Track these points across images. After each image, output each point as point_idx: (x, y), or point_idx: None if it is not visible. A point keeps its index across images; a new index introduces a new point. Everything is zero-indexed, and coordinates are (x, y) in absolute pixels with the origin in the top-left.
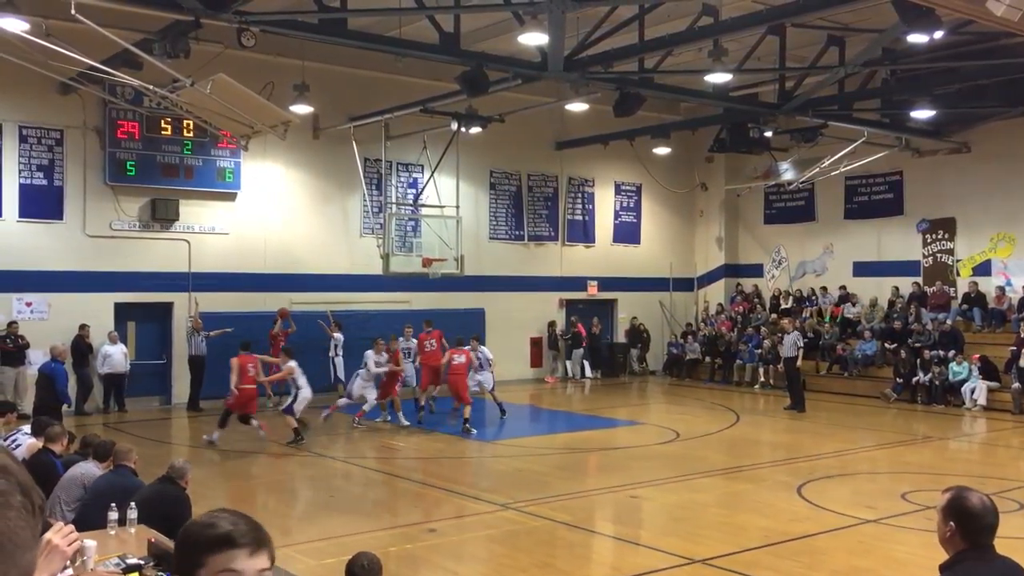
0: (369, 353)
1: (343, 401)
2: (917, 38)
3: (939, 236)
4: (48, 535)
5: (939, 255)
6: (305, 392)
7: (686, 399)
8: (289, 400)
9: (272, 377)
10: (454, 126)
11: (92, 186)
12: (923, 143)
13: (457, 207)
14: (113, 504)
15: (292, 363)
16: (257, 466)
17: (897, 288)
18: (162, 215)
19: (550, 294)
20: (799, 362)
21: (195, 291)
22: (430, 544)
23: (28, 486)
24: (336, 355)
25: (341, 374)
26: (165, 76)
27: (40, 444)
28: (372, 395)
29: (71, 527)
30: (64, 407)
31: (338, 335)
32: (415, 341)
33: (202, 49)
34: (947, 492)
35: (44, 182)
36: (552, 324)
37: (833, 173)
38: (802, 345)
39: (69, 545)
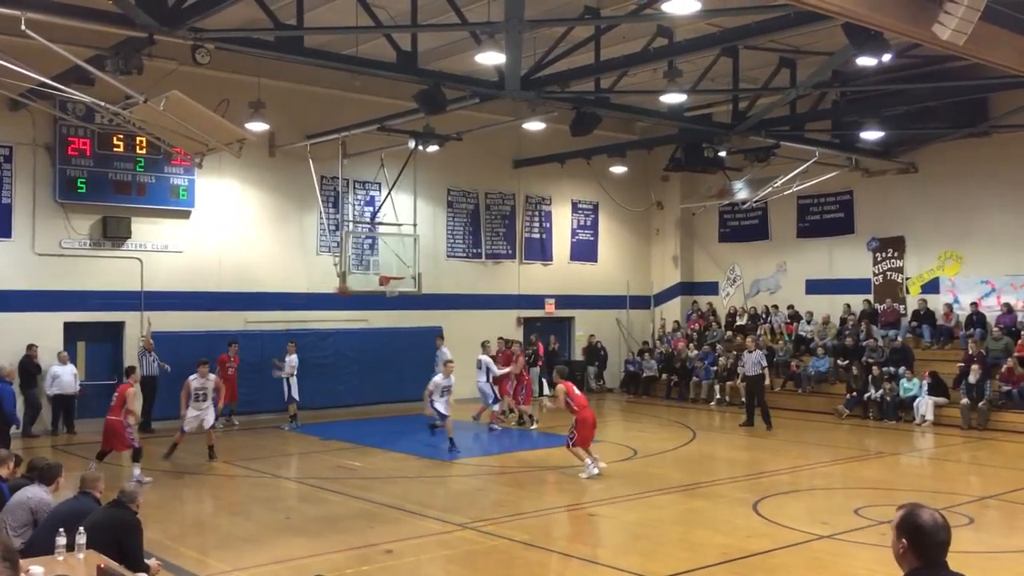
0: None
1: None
2: (866, 61)
3: (889, 254)
4: None
5: (889, 273)
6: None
7: (643, 416)
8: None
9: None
10: (412, 144)
11: (41, 203)
12: (873, 163)
13: (415, 225)
14: (62, 529)
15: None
16: (211, 487)
17: (849, 306)
18: (114, 233)
19: (508, 312)
20: (767, 380)
21: (148, 310)
22: (387, 565)
23: (10, 549)
24: (292, 375)
25: (295, 393)
26: (118, 92)
27: None
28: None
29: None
30: (12, 428)
31: (292, 357)
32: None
33: (156, 65)
34: (900, 509)
35: None
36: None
37: (786, 192)
38: (766, 364)
39: None
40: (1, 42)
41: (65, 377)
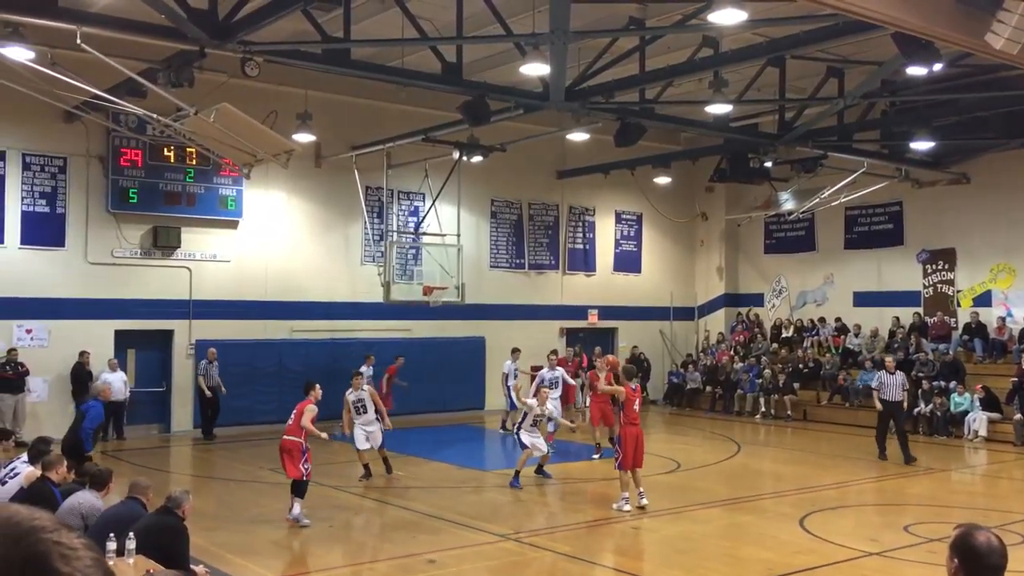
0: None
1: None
2: (916, 70)
3: (939, 266)
4: None
5: (939, 285)
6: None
7: (687, 429)
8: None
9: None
10: (456, 155)
11: (94, 213)
12: (923, 174)
13: (458, 235)
14: (112, 534)
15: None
16: (256, 495)
17: (898, 318)
18: (164, 242)
19: (551, 322)
20: (905, 406)
21: (195, 319)
22: (429, 575)
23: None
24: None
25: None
26: (169, 104)
27: (38, 473)
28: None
29: None
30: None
31: (368, 368)
32: (561, 371)
33: (206, 78)
34: (957, 529)
35: (47, 209)
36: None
37: (833, 203)
38: (908, 387)
39: None
40: (57, 55)
41: (116, 384)
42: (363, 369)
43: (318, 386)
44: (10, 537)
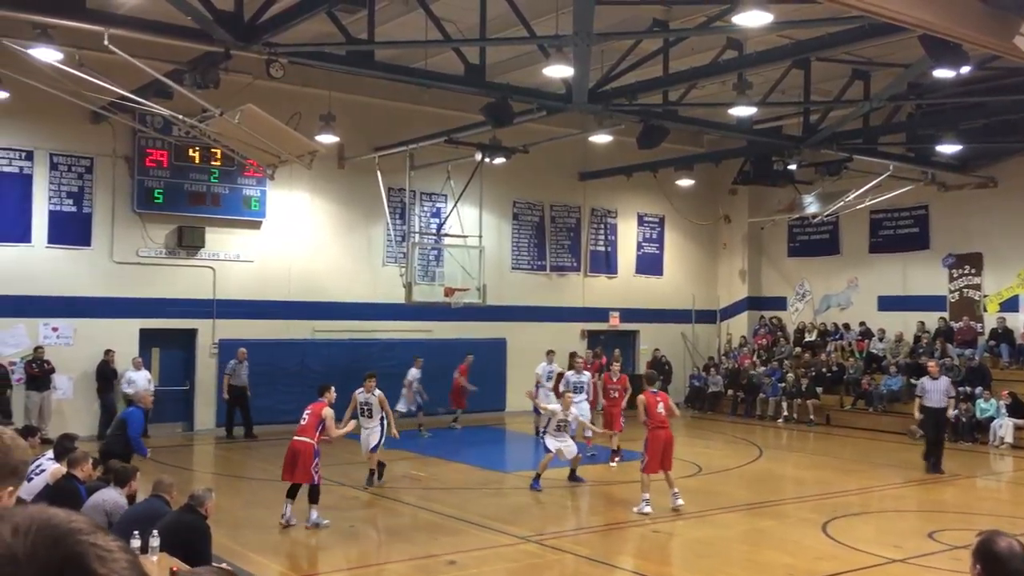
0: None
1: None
2: (944, 73)
3: (965, 271)
4: None
5: (966, 290)
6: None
7: (708, 432)
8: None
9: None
10: (478, 156)
11: (120, 213)
12: (949, 177)
13: (480, 237)
14: (136, 532)
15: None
16: (279, 494)
17: (923, 323)
18: (188, 242)
19: (572, 325)
20: (949, 412)
21: (219, 318)
22: None
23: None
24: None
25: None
26: (195, 106)
27: (64, 470)
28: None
29: None
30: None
31: (415, 370)
32: (588, 375)
33: (231, 79)
34: (979, 535)
35: (73, 209)
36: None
37: (858, 207)
38: (954, 395)
39: None
40: (85, 57)
41: (140, 382)
42: (411, 371)
43: (333, 388)
44: (48, 539)
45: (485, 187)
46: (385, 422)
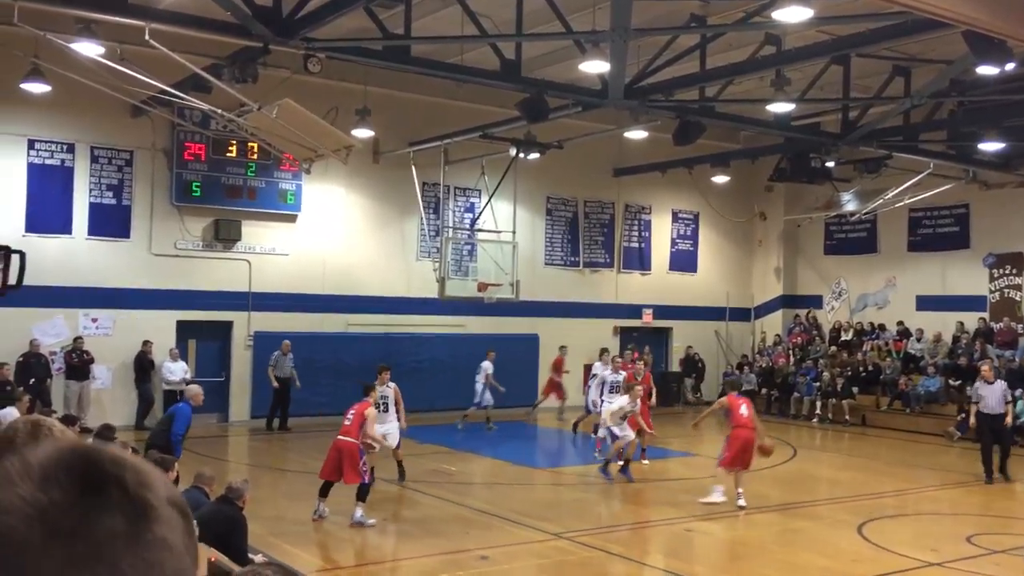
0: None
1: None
2: (987, 70)
3: (1007, 271)
4: None
5: (1007, 290)
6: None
7: None
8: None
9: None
10: (513, 152)
11: (159, 206)
12: (991, 175)
13: (513, 232)
14: None
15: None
16: (313, 486)
17: (962, 323)
18: (225, 235)
19: (605, 321)
20: (1008, 418)
21: (254, 311)
22: (480, 572)
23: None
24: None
25: (488, 398)
26: (233, 100)
27: None
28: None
29: None
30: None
31: (487, 363)
32: (623, 375)
33: (269, 74)
34: None
35: (113, 201)
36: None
37: (897, 205)
38: (1011, 399)
39: None
40: (126, 51)
41: (177, 373)
42: (485, 363)
43: (377, 386)
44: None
45: (519, 182)
46: (399, 416)
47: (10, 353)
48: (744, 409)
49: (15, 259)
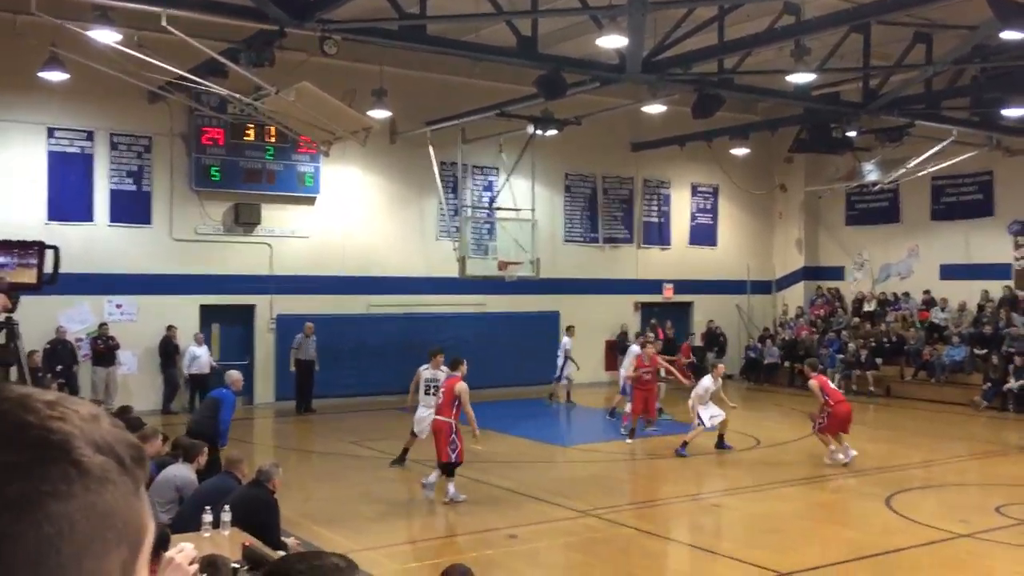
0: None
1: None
2: (1011, 35)
3: None
4: (170, 553)
5: None
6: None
7: (765, 404)
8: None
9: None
10: (530, 129)
11: (178, 191)
12: (1015, 142)
13: (532, 210)
14: (208, 507)
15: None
16: (342, 468)
17: (987, 292)
18: (245, 219)
19: (625, 297)
20: None
21: (276, 294)
22: (510, 550)
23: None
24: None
25: (567, 372)
26: (250, 84)
27: None
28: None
29: (192, 547)
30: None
31: (567, 339)
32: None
33: (285, 57)
34: None
35: (133, 188)
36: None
37: (920, 174)
38: None
39: (190, 564)
40: (143, 37)
41: (203, 357)
42: (565, 339)
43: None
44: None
45: (537, 159)
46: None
47: (38, 340)
48: (832, 383)
49: (49, 254)
